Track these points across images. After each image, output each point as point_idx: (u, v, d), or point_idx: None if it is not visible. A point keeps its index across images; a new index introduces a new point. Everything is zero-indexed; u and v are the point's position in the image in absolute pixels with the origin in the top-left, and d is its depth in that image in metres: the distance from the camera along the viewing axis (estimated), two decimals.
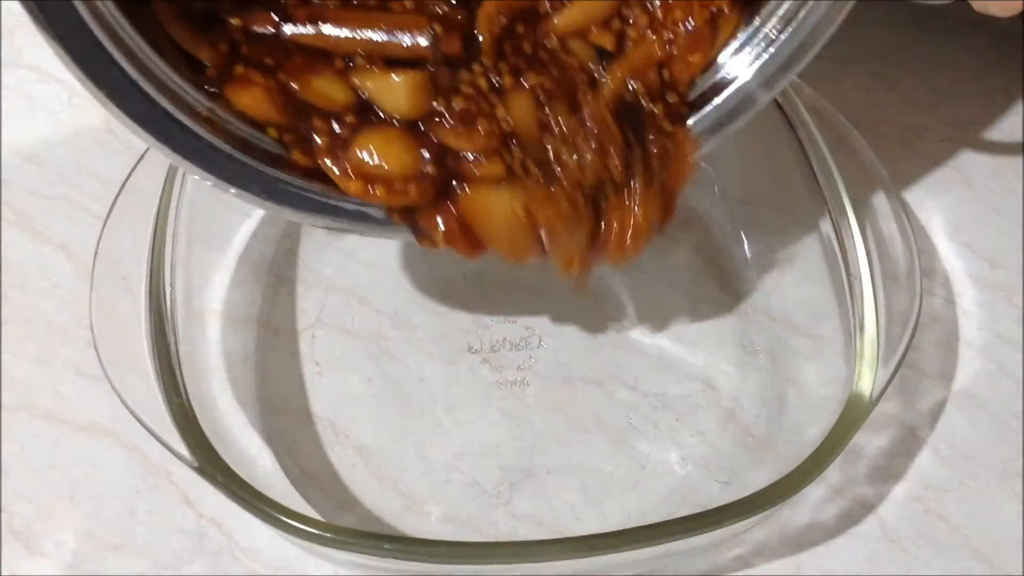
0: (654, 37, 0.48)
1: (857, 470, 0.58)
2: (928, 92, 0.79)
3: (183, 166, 0.44)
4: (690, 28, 0.47)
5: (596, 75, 0.48)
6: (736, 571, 0.55)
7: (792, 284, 0.63)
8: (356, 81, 0.45)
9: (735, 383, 0.61)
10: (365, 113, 0.46)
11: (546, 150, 0.47)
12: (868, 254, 0.55)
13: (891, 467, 0.59)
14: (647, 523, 0.47)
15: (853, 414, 0.49)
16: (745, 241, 0.66)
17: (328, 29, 0.44)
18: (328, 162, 0.45)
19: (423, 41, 0.45)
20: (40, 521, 0.55)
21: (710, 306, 0.65)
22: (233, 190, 0.45)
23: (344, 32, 0.45)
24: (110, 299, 0.53)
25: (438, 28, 0.45)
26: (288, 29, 0.44)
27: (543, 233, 0.48)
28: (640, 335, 0.63)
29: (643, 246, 0.49)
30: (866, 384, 0.50)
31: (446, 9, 0.46)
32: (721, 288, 0.66)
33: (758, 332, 0.63)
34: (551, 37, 0.48)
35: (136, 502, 0.56)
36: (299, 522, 0.45)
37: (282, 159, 0.45)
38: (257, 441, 0.56)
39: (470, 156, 0.46)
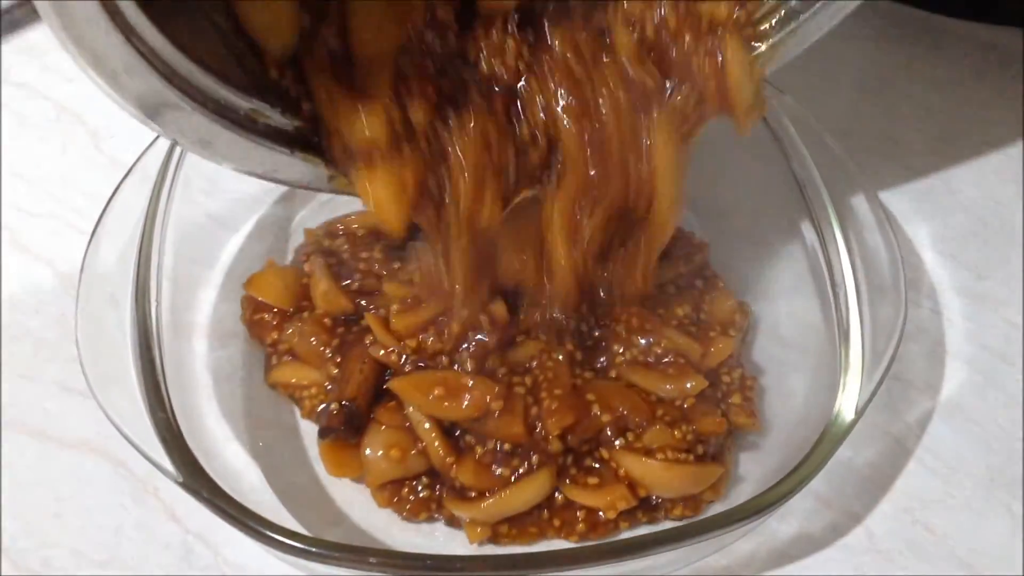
0: None
1: (844, 481, 0.58)
2: (912, 105, 0.79)
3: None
4: None
5: None
6: None
7: (778, 296, 0.63)
8: None
9: None
10: None
11: None
12: (853, 266, 0.56)
13: (878, 478, 0.59)
14: (634, 534, 0.47)
15: (838, 426, 0.50)
16: (730, 253, 0.67)
17: None
18: None
19: None
20: (27, 538, 0.55)
21: None
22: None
23: None
24: (96, 315, 0.53)
25: None
26: None
27: None
28: None
29: None
30: (851, 395, 0.51)
31: None
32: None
33: (745, 344, 0.63)
34: None
35: (122, 518, 0.56)
36: (285, 537, 0.45)
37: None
38: (244, 455, 0.56)
39: None
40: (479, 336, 0.55)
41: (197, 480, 0.46)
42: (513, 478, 0.53)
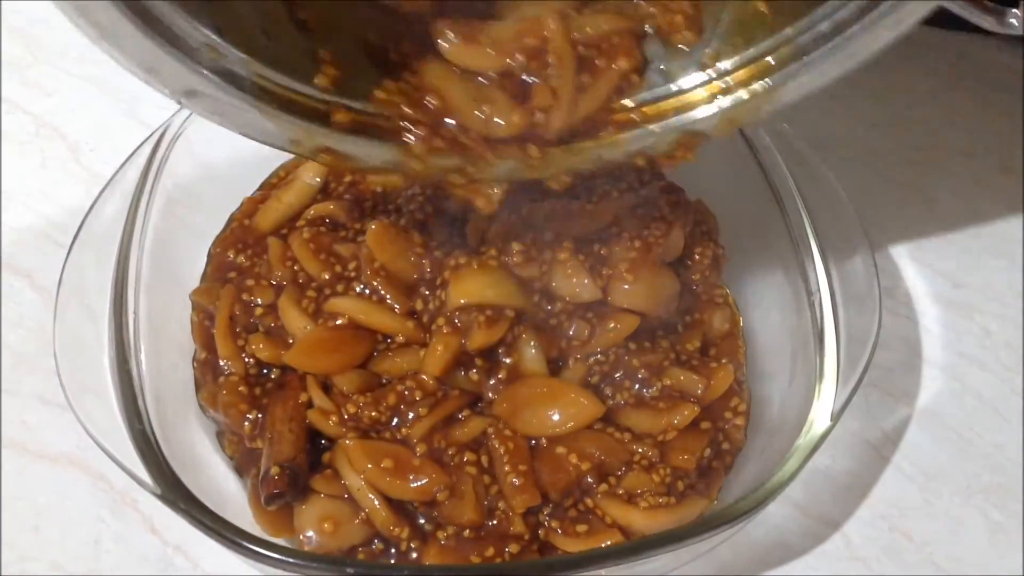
0: None
1: (822, 489, 0.59)
2: (888, 114, 0.80)
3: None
4: None
5: None
6: None
7: (754, 304, 0.63)
8: None
9: None
10: None
11: None
12: (828, 275, 0.56)
13: (856, 486, 0.59)
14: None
15: (814, 433, 0.50)
16: None
17: None
18: None
19: None
20: (6, 552, 0.55)
21: None
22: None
23: None
24: (74, 327, 0.53)
25: None
26: None
27: None
28: None
29: None
30: (826, 403, 0.51)
31: None
32: None
33: None
34: None
35: (102, 531, 0.56)
36: (263, 547, 0.45)
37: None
38: (222, 467, 0.56)
39: None
40: (411, 412, 0.52)
41: (175, 492, 0.46)
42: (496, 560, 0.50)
